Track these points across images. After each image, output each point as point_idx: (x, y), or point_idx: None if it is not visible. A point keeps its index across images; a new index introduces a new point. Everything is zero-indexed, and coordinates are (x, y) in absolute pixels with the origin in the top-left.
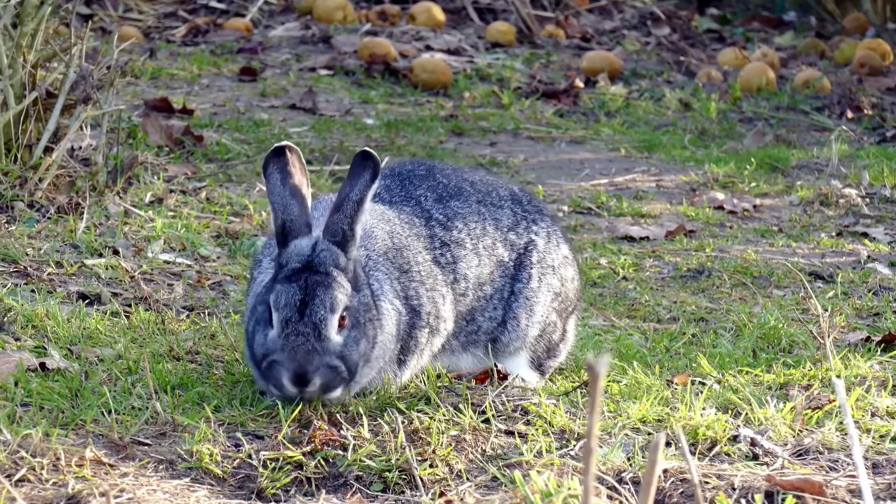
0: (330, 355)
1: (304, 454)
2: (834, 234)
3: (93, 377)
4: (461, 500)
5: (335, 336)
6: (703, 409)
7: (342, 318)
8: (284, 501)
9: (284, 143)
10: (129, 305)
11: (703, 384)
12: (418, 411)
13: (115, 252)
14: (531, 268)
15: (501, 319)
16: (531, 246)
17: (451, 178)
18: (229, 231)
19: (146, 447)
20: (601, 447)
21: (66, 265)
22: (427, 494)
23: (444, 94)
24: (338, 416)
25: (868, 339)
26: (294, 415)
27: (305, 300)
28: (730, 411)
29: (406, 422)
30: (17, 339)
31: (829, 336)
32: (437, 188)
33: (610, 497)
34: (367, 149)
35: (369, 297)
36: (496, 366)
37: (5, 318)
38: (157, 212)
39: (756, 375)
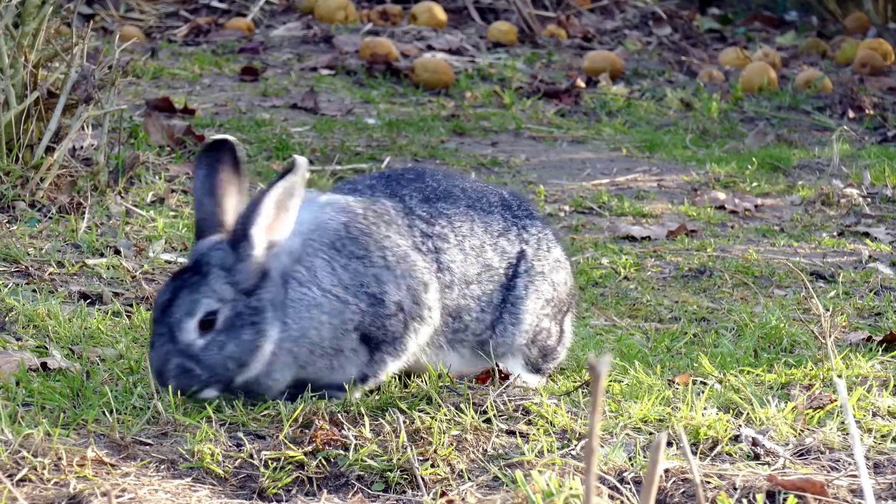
0: (183, 357)
1: (305, 454)
2: (835, 233)
3: (94, 377)
4: (463, 499)
5: (192, 339)
6: (705, 408)
7: (209, 321)
8: (286, 501)
9: (222, 136)
10: (131, 305)
11: (705, 384)
12: (420, 411)
13: (117, 252)
14: (518, 277)
15: (490, 323)
16: (521, 256)
17: (442, 182)
18: None
19: (148, 447)
20: (602, 447)
21: (67, 265)
22: (428, 494)
23: (445, 93)
24: (339, 415)
25: (869, 338)
26: (295, 414)
27: (171, 300)
28: (731, 411)
29: (407, 421)
30: (18, 339)
31: (830, 336)
32: (424, 190)
33: (611, 497)
34: (296, 156)
35: (265, 300)
36: (497, 366)
37: (7, 318)
38: (159, 211)
39: (757, 375)
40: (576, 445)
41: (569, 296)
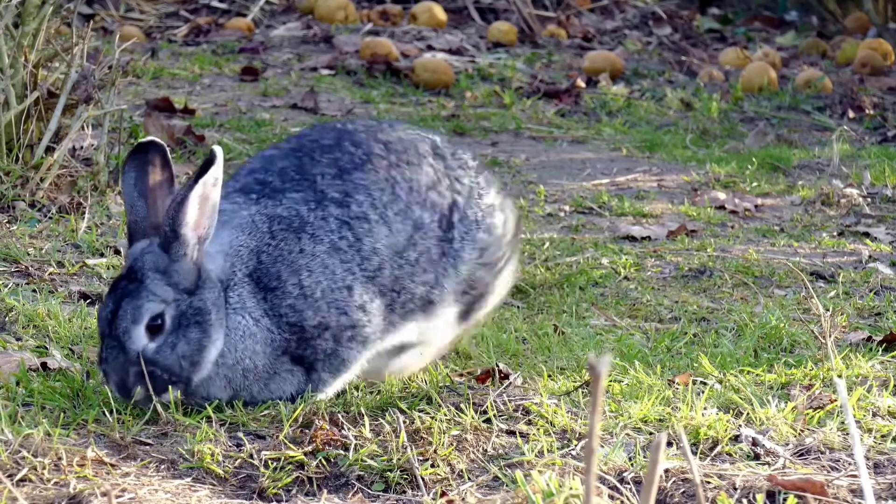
0: (141, 364)
1: (305, 454)
2: (835, 233)
3: (94, 377)
4: (463, 499)
5: (143, 345)
6: (705, 408)
7: (157, 324)
8: (286, 501)
9: (149, 138)
10: None
11: (705, 384)
12: (420, 411)
13: (117, 252)
14: (453, 228)
15: (435, 279)
16: (454, 206)
17: (362, 144)
18: None
19: (148, 447)
20: (602, 447)
21: (67, 265)
22: (428, 494)
23: (445, 93)
24: (339, 415)
25: (869, 338)
26: (295, 414)
27: (115, 311)
28: (731, 411)
29: (407, 421)
30: (18, 339)
31: (830, 336)
32: (339, 161)
33: (611, 497)
34: (213, 146)
35: (208, 301)
36: (497, 366)
37: (7, 318)
38: None
39: (757, 375)
40: (576, 445)
41: (509, 240)
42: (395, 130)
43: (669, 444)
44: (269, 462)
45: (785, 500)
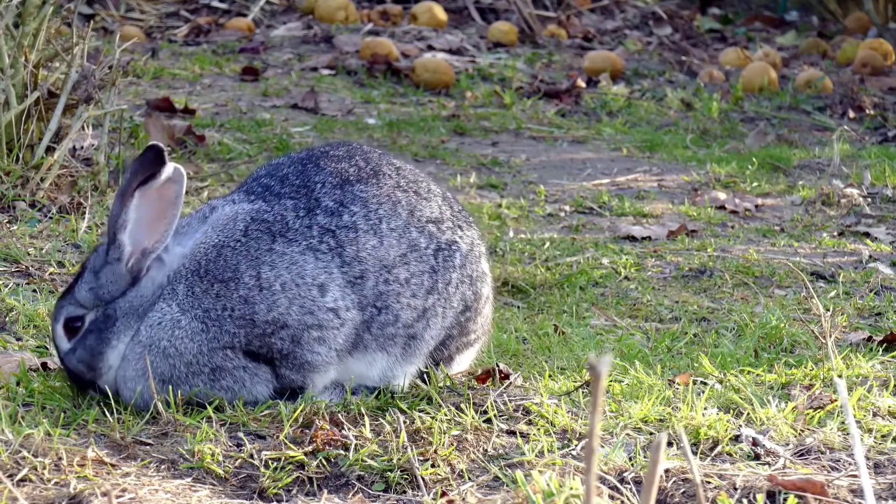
0: (59, 359)
1: (305, 454)
2: (836, 233)
3: None
4: (463, 499)
5: (61, 344)
6: (705, 408)
7: (76, 326)
8: (286, 501)
9: (154, 142)
10: None
11: (705, 384)
12: (420, 411)
13: None
14: (453, 271)
15: (422, 311)
16: (455, 247)
17: (372, 161)
18: None
19: (148, 447)
20: (603, 447)
21: (67, 265)
22: (429, 494)
23: (445, 93)
24: (339, 415)
25: (870, 338)
26: (296, 414)
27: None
28: (731, 411)
29: (408, 421)
30: (18, 339)
31: (830, 336)
32: (344, 172)
33: (612, 497)
34: (172, 164)
35: (120, 310)
36: (498, 366)
37: (7, 318)
38: None
39: (758, 375)
40: (576, 445)
41: (483, 327)
42: (408, 166)
43: (670, 444)
44: (270, 462)
45: (785, 500)
